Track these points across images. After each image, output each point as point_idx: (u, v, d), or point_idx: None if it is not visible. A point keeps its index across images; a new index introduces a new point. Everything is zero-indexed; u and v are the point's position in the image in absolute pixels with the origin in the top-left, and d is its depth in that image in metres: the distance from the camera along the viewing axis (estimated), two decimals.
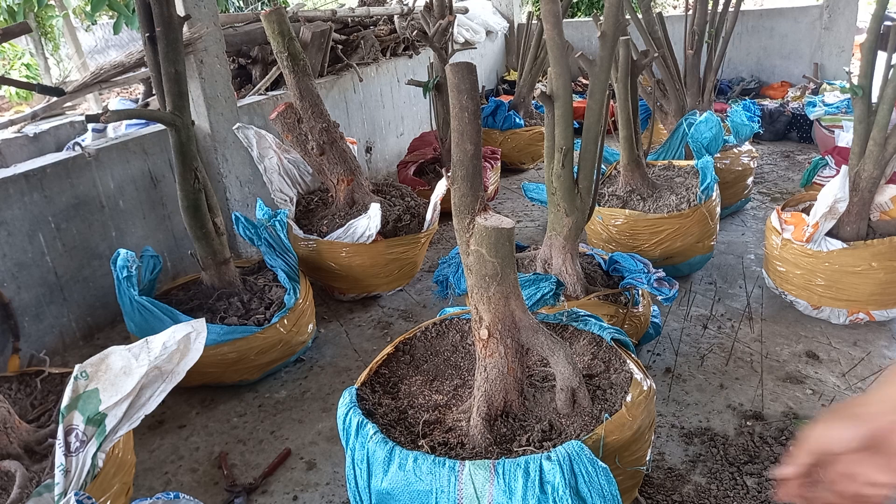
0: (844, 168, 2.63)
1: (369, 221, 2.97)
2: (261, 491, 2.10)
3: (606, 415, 1.60)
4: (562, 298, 2.24)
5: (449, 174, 1.56)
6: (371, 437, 1.53)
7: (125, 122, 3.84)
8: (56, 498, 1.50)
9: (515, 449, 1.55)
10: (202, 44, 3.22)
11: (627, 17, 3.55)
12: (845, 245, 2.59)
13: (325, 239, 3.05)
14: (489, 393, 1.63)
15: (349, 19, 4.94)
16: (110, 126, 3.91)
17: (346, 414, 1.62)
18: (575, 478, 1.39)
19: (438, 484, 1.43)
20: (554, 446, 1.49)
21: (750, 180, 3.92)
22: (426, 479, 1.44)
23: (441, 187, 3.10)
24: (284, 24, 2.89)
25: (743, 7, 4.15)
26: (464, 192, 1.54)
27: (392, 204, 3.29)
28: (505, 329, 1.60)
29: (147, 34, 2.39)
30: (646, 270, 2.42)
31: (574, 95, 3.33)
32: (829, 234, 2.67)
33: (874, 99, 2.55)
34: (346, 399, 1.68)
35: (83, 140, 3.88)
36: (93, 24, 8.45)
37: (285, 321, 2.57)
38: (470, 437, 1.60)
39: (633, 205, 3.18)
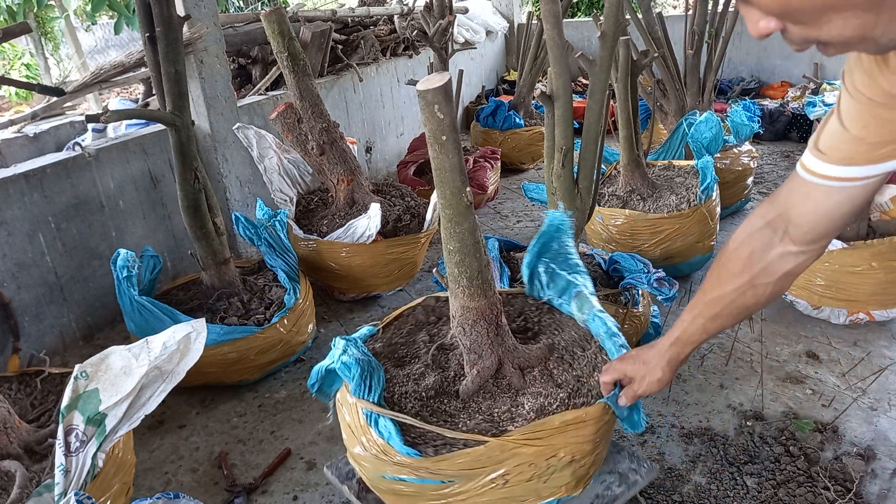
0: None
1: (369, 221, 2.97)
2: (261, 491, 2.10)
3: None
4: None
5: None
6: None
7: (125, 122, 3.84)
8: (56, 498, 1.50)
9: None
10: (202, 44, 3.22)
11: (627, 17, 3.55)
12: (845, 245, 2.59)
13: (325, 239, 3.05)
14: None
15: (349, 19, 4.94)
16: (110, 126, 3.91)
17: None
18: None
19: None
20: None
21: (750, 180, 3.92)
22: None
23: None
24: (284, 24, 2.89)
25: None
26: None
27: (392, 204, 3.29)
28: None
29: (147, 34, 2.39)
30: (646, 270, 2.42)
31: (574, 95, 3.33)
32: None
33: None
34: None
35: (83, 140, 3.88)
36: (93, 24, 8.45)
37: (285, 321, 2.57)
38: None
39: (633, 205, 3.18)
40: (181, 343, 1.69)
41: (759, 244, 1.11)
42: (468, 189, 1.52)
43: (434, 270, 1.68)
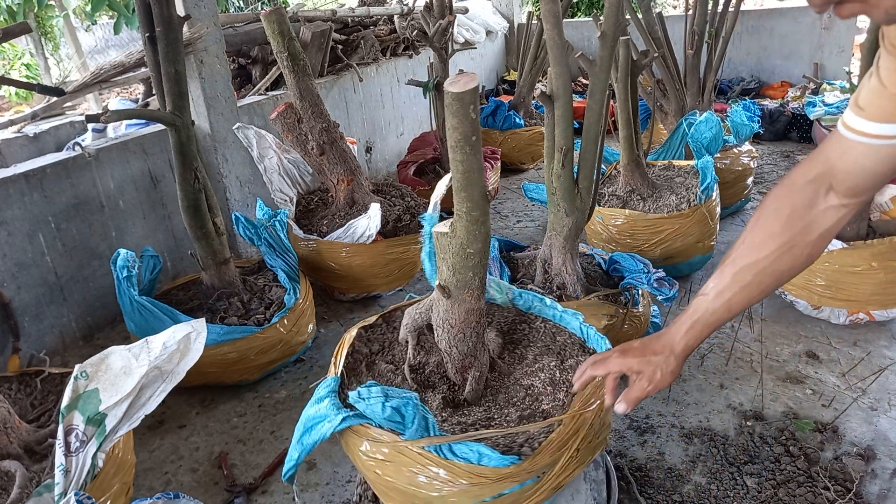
0: None
1: (369, 221, 2.97)
2: (261, 491, 2.10)
3: None
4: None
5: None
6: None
7: (125, 122, 3.84)
8: (56, 498, 1.50)
9: None
10: (202, 44, 3.22)
11: (627, 17, 3.55)
12: (845, 245, 2.59)
13: (325, 239, 3.05)
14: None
15: (349, 19, 4.94)
16: (110, 126, 3.91)
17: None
18: None
19: None
20: None
21: (750, 180, 3.92)
22: None
23: (441, 187, 3.09)
24: (284, 24, 2.89)
25: (743, 7, 4.14)
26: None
27: (392, 204, 3.29)
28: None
29: (147, 34, 2.39)
30: (646, 270, 2.42)
31: (574, 95, 3.33)
32: None
33: None
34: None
35: (83, 140, 3.88)
36: (93, 24, 8.45)
37: (285, 321, 2.57)
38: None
39: (633, 205, 3.18)
40: (181, 343, 1.69)
41: (802, 201, 1.07)
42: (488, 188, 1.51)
43: (437, 285, 1.62)
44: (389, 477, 1.47)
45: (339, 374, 1.68)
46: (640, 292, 2.49)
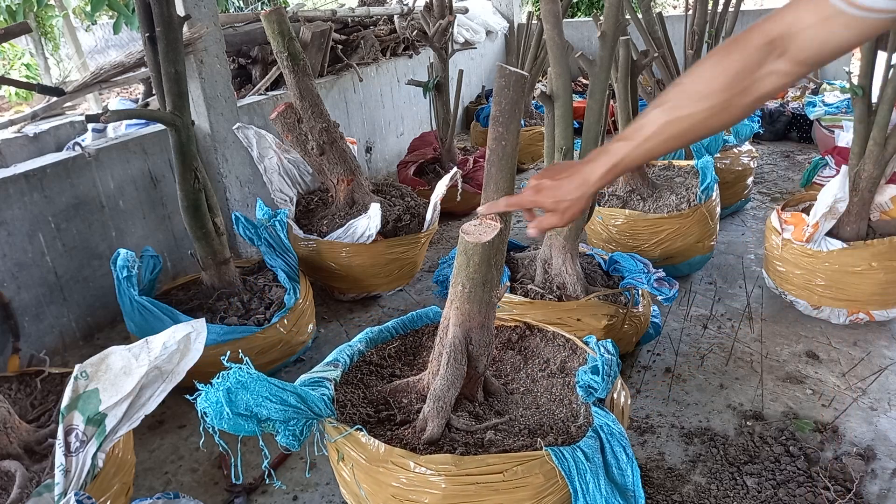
0: (844, 168, 2.63)
1: (369, 221, 2.97)
2: (261, 491, 2.10)
3: None
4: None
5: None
6: None
7: (125, 122, 3.83)
8: (56, 498, 1.50)
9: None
10: (202, 44, 3.22)
11: (627, 17, 3.55)
12: (845, 245, 2.59)
13: (325, 239, 3.05)
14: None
15: (349, 19, 4.94)
16: (110, 126, 3.90)
17: None
18: None
19: None
20: None
21: (750, 180, 3.92)
22: None
23: (441, 187, 3.10)
24: (284, 24, 2.89)
25: (743, 7, 4.15)
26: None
27: (392, 204, 3.29)
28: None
29: (147, 34, 2.39)
30: (646, 270, 2.42)
31: (574, 95, 3.33)
32: (829, 234, 2.67)
33: (874, 99, 2.55)
34: None
35: (83, 140, 3.88)
36: (93, 24, 8.45)
37: (285, 321, 2.57)
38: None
39: (633, 205, 3.18)
40: (181, 343, 1.69)
41: (753, 61, 1.03)
42: None
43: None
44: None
45: (359, 426, 1.62)
46: (640, 292, 2.49)
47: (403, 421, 1.62)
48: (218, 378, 1.37)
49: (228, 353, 1.52)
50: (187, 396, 1.42)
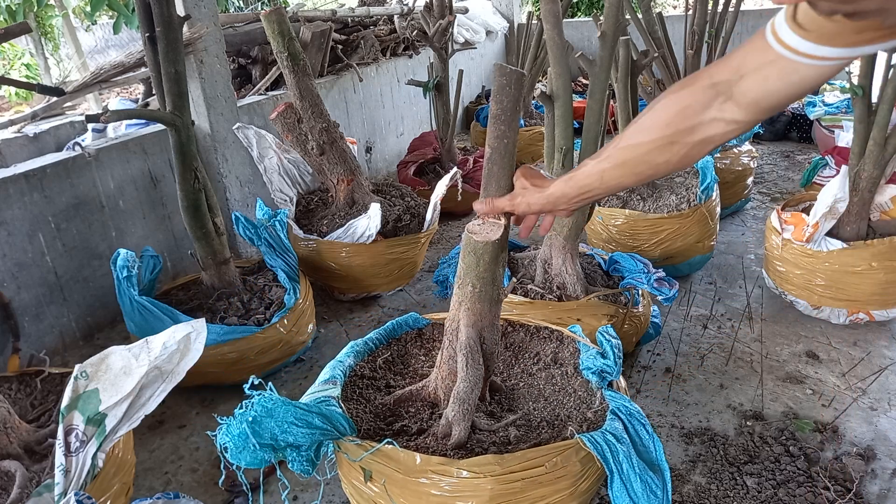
0: (844, 168, 2.63)
1: (369, 221, 2.97)
2: (261, 491, 2.10)
3: None
4: None
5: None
6: None
7: (125, 122, 3.83)
8: (56, 498, 1.50)
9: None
10: (202, 44, 3.22)
11: (627, 17, 3.55)
12: (845, 245, 2.59)
13: (325, 239, 3.05)
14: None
15: (349, 19, 4.94)
16: (110, 126, 3.91)
17: None
18: None
19: None
20: None
21: (750, 180, 3.92)
22: None
23: (441, 187, 3.10)
24: (284, 24, 2.89)
25: (743, 7, 4.15)
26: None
27: (392, 204, 3.29)
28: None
29: (147, 34, 2.39)
30: (646, 270, 2.42)
31: (574, 95, 3.33)
32: (829, 234, 2.67)
33: (874, 99, 2.56)
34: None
35: (83, 140, 3.88)
36: (93, 24, 8.45)
37: (285, 321, 2.57)
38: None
39: (633, 205, 3.18)
40: (181, 343, 1.69)
41: (699, 101, 1.06)
42: None
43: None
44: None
45: (389, 440, 1.56)
46: (640, 292, 2.49)
47: (420, 430, 1.61)
48: (240, 409, 1.32)
49: (252, 380, 1.43)
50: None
